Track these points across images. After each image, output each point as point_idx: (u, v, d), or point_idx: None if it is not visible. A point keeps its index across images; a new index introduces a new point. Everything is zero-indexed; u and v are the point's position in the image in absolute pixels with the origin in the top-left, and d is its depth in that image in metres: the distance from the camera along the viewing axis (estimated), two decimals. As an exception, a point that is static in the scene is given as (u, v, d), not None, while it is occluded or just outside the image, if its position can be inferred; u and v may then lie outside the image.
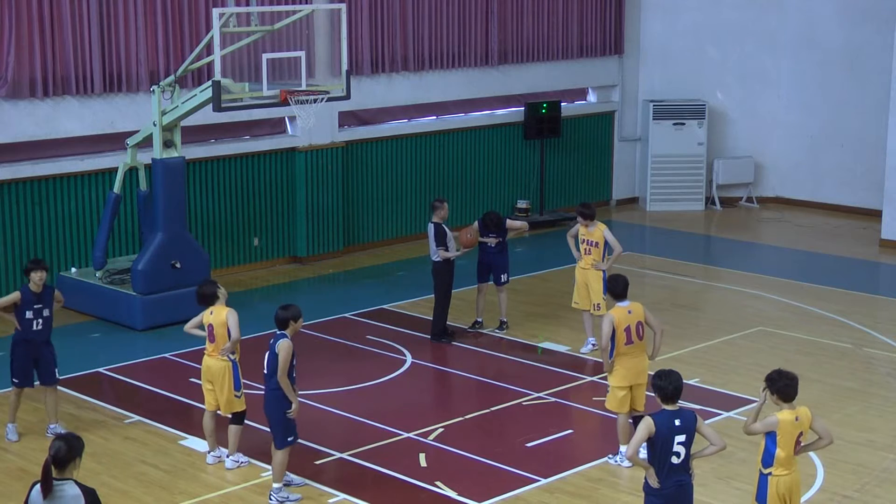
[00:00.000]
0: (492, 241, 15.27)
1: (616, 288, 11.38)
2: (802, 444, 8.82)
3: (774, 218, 22.76)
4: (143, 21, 16.90)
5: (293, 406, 10.42)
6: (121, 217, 16.92)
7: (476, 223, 15.46)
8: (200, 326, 11.40)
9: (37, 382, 12.21)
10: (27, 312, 11.90)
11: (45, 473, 7.12)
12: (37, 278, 11.90)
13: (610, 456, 11.53)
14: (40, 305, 11.94)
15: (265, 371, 10.47)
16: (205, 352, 11.40)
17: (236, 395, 11.25)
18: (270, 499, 10.62)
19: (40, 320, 11.96)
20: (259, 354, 10.93)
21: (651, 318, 11.37)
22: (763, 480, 8.78)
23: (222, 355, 11.17)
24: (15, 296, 11.89)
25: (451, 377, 14.45)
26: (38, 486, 7.19)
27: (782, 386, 8.70)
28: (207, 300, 11.30)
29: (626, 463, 11.17)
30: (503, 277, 15.42)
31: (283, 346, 10.33)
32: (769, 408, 8.83)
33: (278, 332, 10.47)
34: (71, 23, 16.26)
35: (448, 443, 11.96)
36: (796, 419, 8.68)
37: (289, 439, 10.53)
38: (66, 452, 7.20)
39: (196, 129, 17.61)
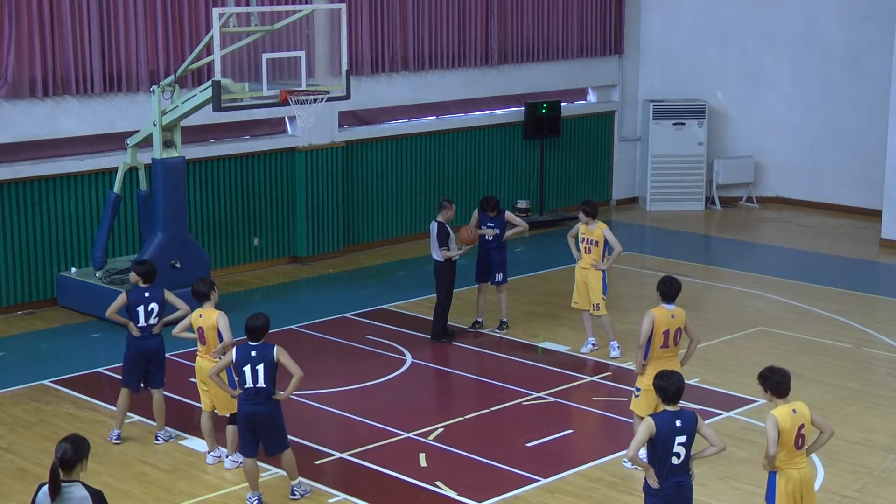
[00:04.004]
0: (489, 232, 15.25)
1: (669, 290, 11.02)
2: (808, 442, 8.80)
3: (774, 218, 22.76)
4: (143, 21, 16.89)
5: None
6: (121, 217, 16.92)
7: (475, 212, 15.45)
8: (190, 329, 11.41)
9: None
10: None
11: (52, 476, 7.12)
12: None
13: (625, 460, 11.44)
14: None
15: (262, 385, 10.27)
16: (197, 353, 11.41)
17: (233, 395, 11.23)
18: (294, 494, 10.67)
19: None
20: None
21: (691, 326, 11.15)
22: (771, 478, 8.76)
23: (214, 357, 11.18)
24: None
25: (451, 377, 14.45)
26: (45, 488, 7.18)
27: (775, 383, 8.72)
28: (199, 298, 11.31)
29: (630, 464, 11.12)
30: (498, 276, 15.40)
31: (283, 351, 10.40)
32: (765, 406, 8.82)
33: (263, 342, 10.37)
34: (71, 23, 16.26)
35: (448, 443, 11.96)
36: (794, 411, 8.67)
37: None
38: (72, 454, 7.20)
39: (196, 129, 17.61)
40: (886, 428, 12.42)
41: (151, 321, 11.82)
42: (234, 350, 10.39)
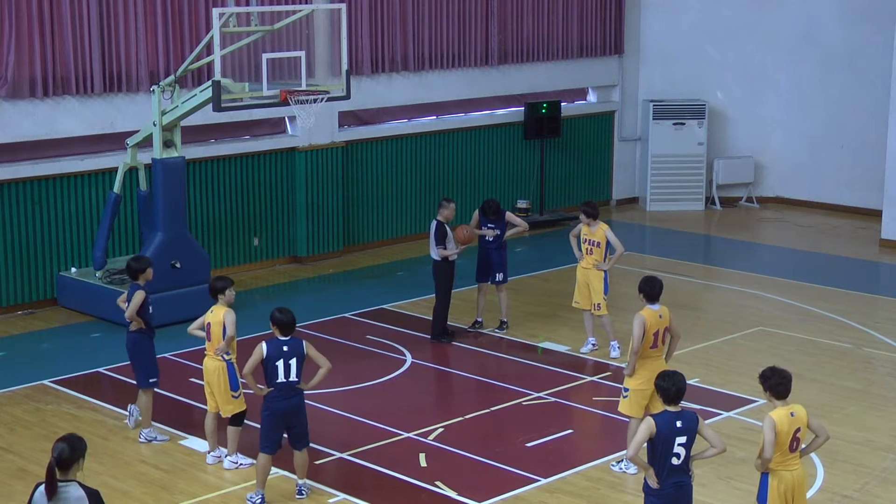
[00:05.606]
0: (489, 233, 15.25)
1: (652, 290, 11.02)
2: (803, 445, 8.81)
3: (774, 218, 22.77)
4: (143, 21, 16.89)
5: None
6: (121, 217, 16.92)
7: (475, 213, 15.45)
8: (203, 327, 11.45)
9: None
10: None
11: (49, 475, 7.12)
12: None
13: (614, 463, 11.46)
14: None
15: (295, 379, 10.31)
16: (205, 353, 11.43)
17: (234, 396, 11.23)
18: (300, 494, 10.68)
19: None
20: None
21: (675, 324, 11.16)
22: (763, 479, 8.78)
23: (217, 354, 11.19)
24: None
25: (451, 377, 14.45)
26: (41, 488, 7.19)
27: (775, 384, 8.72)
28: (213, 294, 11.41)
29: (632, 469, 11.10)
30: (498, 276, 15.40)
31: (310, 345, 10.44)
32: (765, 407, 8.82)
33: (292, 337, 10.40)
34: (71, 23, 16.26)
35: (448, 443, 11.96)
36: (791, 414, 8.67)
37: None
38: (69, 454, 7.20)
39: (196, 129, 17.61)
40: (886, 428, 12.42)
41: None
42: (263, 345, 10.36)
